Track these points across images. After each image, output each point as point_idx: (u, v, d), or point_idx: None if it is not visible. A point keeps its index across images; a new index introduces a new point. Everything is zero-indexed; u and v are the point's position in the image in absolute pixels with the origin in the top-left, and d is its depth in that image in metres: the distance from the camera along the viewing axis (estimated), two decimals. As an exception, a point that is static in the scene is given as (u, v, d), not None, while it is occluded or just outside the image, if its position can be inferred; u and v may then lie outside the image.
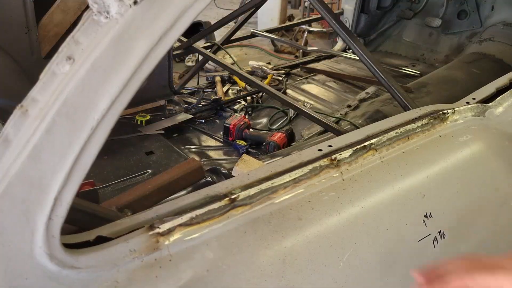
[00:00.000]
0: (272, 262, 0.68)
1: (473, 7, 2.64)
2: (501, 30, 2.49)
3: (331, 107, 2.17)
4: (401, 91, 1.27)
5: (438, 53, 2.77)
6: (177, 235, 0.64)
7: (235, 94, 2.35)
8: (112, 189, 1.48)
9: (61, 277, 0.54)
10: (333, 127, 1.59)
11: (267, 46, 4.93)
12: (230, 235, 0.68)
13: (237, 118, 1.91)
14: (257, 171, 0.77)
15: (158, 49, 0.52)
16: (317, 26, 5.24)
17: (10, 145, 0.50)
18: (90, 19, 0.51)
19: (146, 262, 0.60)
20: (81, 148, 0.51)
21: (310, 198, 0.76)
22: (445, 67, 2.33)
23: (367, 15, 2.86)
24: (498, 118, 1.12)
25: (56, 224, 0.52)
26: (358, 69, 2.63)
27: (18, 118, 0.50)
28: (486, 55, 2.37)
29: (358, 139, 0.90)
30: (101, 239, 0.60)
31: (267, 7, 4.39)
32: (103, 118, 0.51)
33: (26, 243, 0.52)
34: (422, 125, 0.98)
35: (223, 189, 0.72)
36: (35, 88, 0.51)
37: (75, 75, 0.49)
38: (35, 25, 1.64)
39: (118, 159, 1.66)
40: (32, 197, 0.50)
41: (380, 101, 1.91)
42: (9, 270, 0.51)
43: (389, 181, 0.86)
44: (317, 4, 1.37)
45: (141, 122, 1.91)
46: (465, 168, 0.99)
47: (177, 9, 0.52)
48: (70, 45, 0.51)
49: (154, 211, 0.66)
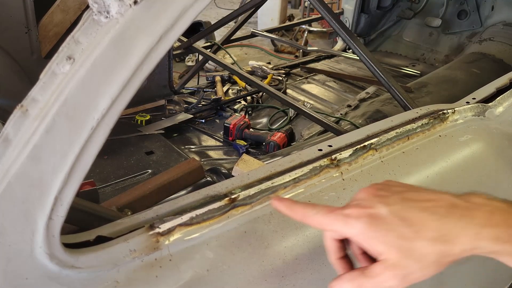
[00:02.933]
0: (272, 262, 0.68)
1: (473, 7, 2.64)
2: (501, 30, 2.49)
3: (331, 107, 2.17)
4: (401, 91, 1.27)
5: (438, 53, 2.77)
6: (177, 235, 0.64)
7: (235, 94, 2.35)
8: (112, 189, 1.48)
9: (61, 277, 0.54)
10: (333, 127, 1.59)
11: (267, 46, 4.94)
12: (230, 235, 0.68)
13: (237, 118, 1.91)
14: (257, 171, 0.77)
15: (158, 49, 0.52)
16: (317, 26, 5.24)
17: (10, 145, 0.50)
18: (90, 19, 0.51)
19: (146, 262, 0.60)
20: (81, 148, 0.51)
21: (310, 198, 0.76)
22: (445, 67, 2.33)
23: (367, 15, 2.86)
24: (498, 118, 1.12)
25: (56, 224, 0.52)
26: (358, 69, 2.63)
27: (18, 118, 0.50)
28: (486, 55, 2.37)
29: (358, 139, 0.90)
30: (101, 239, 0.60)
31: (267, 7, 4.39)
32: (103, 118, 0.51)
33: (26, 243, 0.52)
34: (422, 125, 0.98)
35: (223, 189, 0.72)
36: (35, 88, 0.51)
37: (75, 75, 0.49)
38: (35, 25, 1.64)
39: (118, 159, 1.66)
40: (32, 197, 0.50)
41: (380, 101, 1.91)
42: (9, 270, 0.51)
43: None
44: (317, 4, 1.37)
45: (141, 122, 1.91)
46: (465, 168, 0.99)
47: (177, 9, 0.52)
48: (70, 45, 0.51)
49: (154, 211, 0.66)
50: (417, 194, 0.56)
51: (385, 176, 0.86)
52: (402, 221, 0.53)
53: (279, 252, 0.69)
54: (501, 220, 0.53)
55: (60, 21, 1.69)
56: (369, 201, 0.56)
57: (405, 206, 0.54)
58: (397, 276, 0.53)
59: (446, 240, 0.52)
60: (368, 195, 0.57)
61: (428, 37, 2.83)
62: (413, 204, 0.55)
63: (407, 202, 0.55)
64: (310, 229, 0.73)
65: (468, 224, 0.53)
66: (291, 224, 0.72)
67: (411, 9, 2.80)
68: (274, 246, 0.69)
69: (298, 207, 0.59)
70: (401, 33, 2.95)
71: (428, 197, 0.56)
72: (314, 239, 0.73)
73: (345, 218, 0.55)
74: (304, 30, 4.95)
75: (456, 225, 0.53)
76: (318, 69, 2.61)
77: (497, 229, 0.52)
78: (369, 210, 0.54)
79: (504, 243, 0.52)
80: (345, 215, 0.55)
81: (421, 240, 0.52)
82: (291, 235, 0.71)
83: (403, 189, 0.58)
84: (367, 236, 0.53)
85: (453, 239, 0.52)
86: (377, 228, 0.53)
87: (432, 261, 0.53)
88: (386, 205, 0.54)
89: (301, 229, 0.73)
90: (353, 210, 0.55)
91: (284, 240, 0.71)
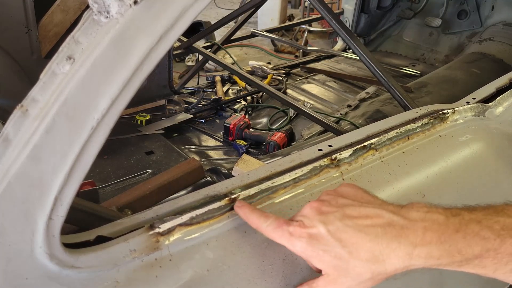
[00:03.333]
0: (272, 262, 0.68)
1: (473, 7, 2.64)
2: (501, 30, 2.49)
3: (331, 107, 2.17)
4: (401, 91, 1.27)
5: (438, 53, 2.77)
6: (177, 235, 0.64)
7: (235, 94, 2.35)
8: (112, 189, 1.48)
9: (61, 277, 0.54)
10: (333, 127, 1.59)
11: (267, 46, 4.94)
12: (230, 235, 0.68)
13: (237, 118, 1.91)
14: (257, 171, 0.77)
15: (158, 48, 0.52)
16: (317, 26, 5.25)
17: (10, 145, 0.50)
18: (90, 19, 0.51)
19: (146, 262, 0.60)
20: (81, 148, 0.51)
21: (310, 198, 0.76)
22: (445, 67, 2.33)
23: (367, 15, 2.86)
24: (498, 118, 1.12)
25: (56, 224, 0.52)
26: (358, 69, 2.63)
27: (18, 118, 0.50)
28: (486, 55, 2.37)
29: (358, 139, 0.90)
30: (101, 238, 0.60)
31: (267, 7, 4.39)
32: (103, 118, 0.50)
33: (26, 243, 0.52)
34: (422, 125, 0.98)
35: (223, 188, 0.72)
36: (35, 88, 0.51)
37: (75, 75, 0.49)
38: (35, 25, 1.64)
39: (118, 159, 1.66)
40: (32, 197, 0.50)
41: (380, 101, 1.91)
42: (9, 270, 0.51)
43: (389, 181, 0.86)
44: (317, 4, 1.37)
45: (141, 122, 1.91)
46: (465, 168, 0.99)
47: (177, 9, 0.52)
48: (70, 45, 0.51)
49: (154, 211, 0.66)
50: (358, 210, 0.60)
51: (385, 176, 0.86)
52: (338, 241, 0.57)
53: (279, 252, 0.69)
54: (434, 237, 0.56)
55: (60, 21, 1.69)
56: (311, 220, 0.60)
57: (342, 226, 0.58)
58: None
59: (378, 260, 0.56)
60: (312, 212, 0.61)
61: (428, 37, 2.83)
62: (350, 223, 0.58)
63: (345, 220, 0.59)
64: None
65: (400, 244, 0.56)
66: (291, 224, 0.72)
67: (411, 9, 2.80)
68: (274, 246, 0.69)
69: (253, 217, 0.64)
70: (401, 33, 2.95)
71: (367, 214, 0.59)
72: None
73: (289, 236, 0.60)
74: (304, 30, 4.95)
75: (388, 245, 0.56)
76: (318, 69, 2.61)
77: (429, 247, 0.56)
78: (309, 230, 0.59)
79: (437, 259, 0.56)
80: (289, 233, 0.60)
81: (355, 260, 0.57)
82: (291, 235, 0.71)
83: (349, 201, 0.62)
84: (307, 255, 0.59)
85: (385, 259, 0.56)
86: (315, 248, 0.58)
87: (367, 278, 0.58)
88: (324, 224, 0.59)
89: (301, 229, 0.73)
90: (296, 229, 0.60)
91: (284, 240, 0.71)
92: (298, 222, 0.61)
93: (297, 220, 0.61)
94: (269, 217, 0.63)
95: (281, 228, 0.61)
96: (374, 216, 0.59)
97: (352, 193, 0.64)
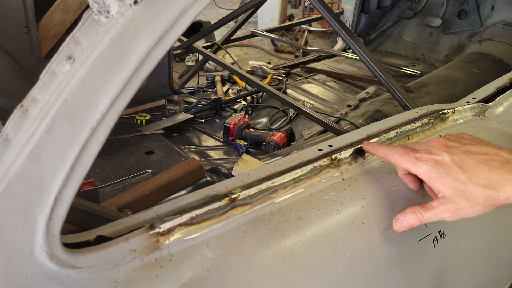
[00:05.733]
0: (272, 262, 0.68)
1: (473, 7, 2.65)
2: (501, 30, 2.49)
3: (331, 107, 2.17)
4: (401, 91, 1.27)
5: (438, 53, 2.77)
6: (177, 235, 0.64)
7: (235, 93, 2.35)
8: (112, 189, 1.48)
9: (61, 276, 0.54)
10: (333, 127, 1.59)
11: (267, 46, 4.94)
12: (230, 235, 0.68)
13: (237, 118, 1.91)
14: (257, 171, 0.77)
15: (159, 48, 0.52)
16: (317, 26, 5.25)
17: (10, 145, 0.50)
18: (90, 19, 0.51)
19: (146, 262, 0.60)
20: (81, 148, 0.50)
21: (310, 198, 0.76)
22: (445, 67, 2.33)
23: (367, 15, 2.86)
24: (499, 117, 1.12)
25: (56, 224, 0.52)
26: (358, 69, 2.63)
27: (18, 118, 0.50)
28: (486, 55, 2.37)
29: (358, 138, 0.89)
30: (101, 238, 0.60)
31: (267, 7, 4.40)
32: (103, 118, 0.50)
33: (26, 243, 0.52)
34: (422, 124, 0.98)
35: (223, 188, 0.72)
36: (35, 88, 0.51)
37: (75, 75, 0.49)
38: (35, 25, 1.64)
39: (118, 159, 1.66)
40: (32, 197, 0.50)
41: (380, 101, 1.91)
42: (9, 270, 0.51)
43: (389, 181, 0.86)
44: (317, 4, 1.37)
45: (141, 121, 1.91)
46: (465, 168, 0.99)
47: (177, 9, 0.52)
48: (70, 45, 0.51)
49: (154, 210, 0.66)
50: (480, 148, 0.69)
51: (386, 176, 0.86)
52: (460, 168, 0.66)
53: (279, 252, 0.69)
54: None
55: (60, 21, 1.69)
56: (437, 149, 0.69)
57: (465, 157, 0.67)
58: (449, 209, 0.67)
59: (494, 187, 0.65)
60: (438, 144, 0.71)
61: (428, 37, 2.83)
62: (473, 156, 0.68)
63: (468, 154, 0.68)
64: (310, 228, 0.73)
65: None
66: (291, 224, 0.72)
67: (411, 9, 2.80)
68: (274, 246, 0.69)
69: (381, 148, 0.77)
70: (401, 33, 2.95)
71: (487, 151, 0.69)
72: (314, 239, 0.73)
73: (416, 160, 0.69)
74: (304, 30, 4.95)
75: (504, 176, 0.65)
76: (318, 69, 2.61)
77: None
78: (435, 157, 0.68)
79: None
80: (416, 158, 0.69)
81: (473, 185, 0.65)
82: (291, 235, 0.71)
83: (471, 142, 0.72)
84: (430, 176, 0.68)
85: (499, 187, 0.65)
86: (438, 171, 0.67)
87: (480, 202, 0.66)
88: (450, 154, 0.68)
89: (301, 229, 0.73)
90: (423, 155, 0.69)
91: (284, 240, 0.71)
92: (425, 150, 0.70)
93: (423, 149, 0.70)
94: (395, 147, 0.74)
95: (408, 154, 0.70)
96: (493, 154, 0.68)
97: (472, 138, 0.74)
